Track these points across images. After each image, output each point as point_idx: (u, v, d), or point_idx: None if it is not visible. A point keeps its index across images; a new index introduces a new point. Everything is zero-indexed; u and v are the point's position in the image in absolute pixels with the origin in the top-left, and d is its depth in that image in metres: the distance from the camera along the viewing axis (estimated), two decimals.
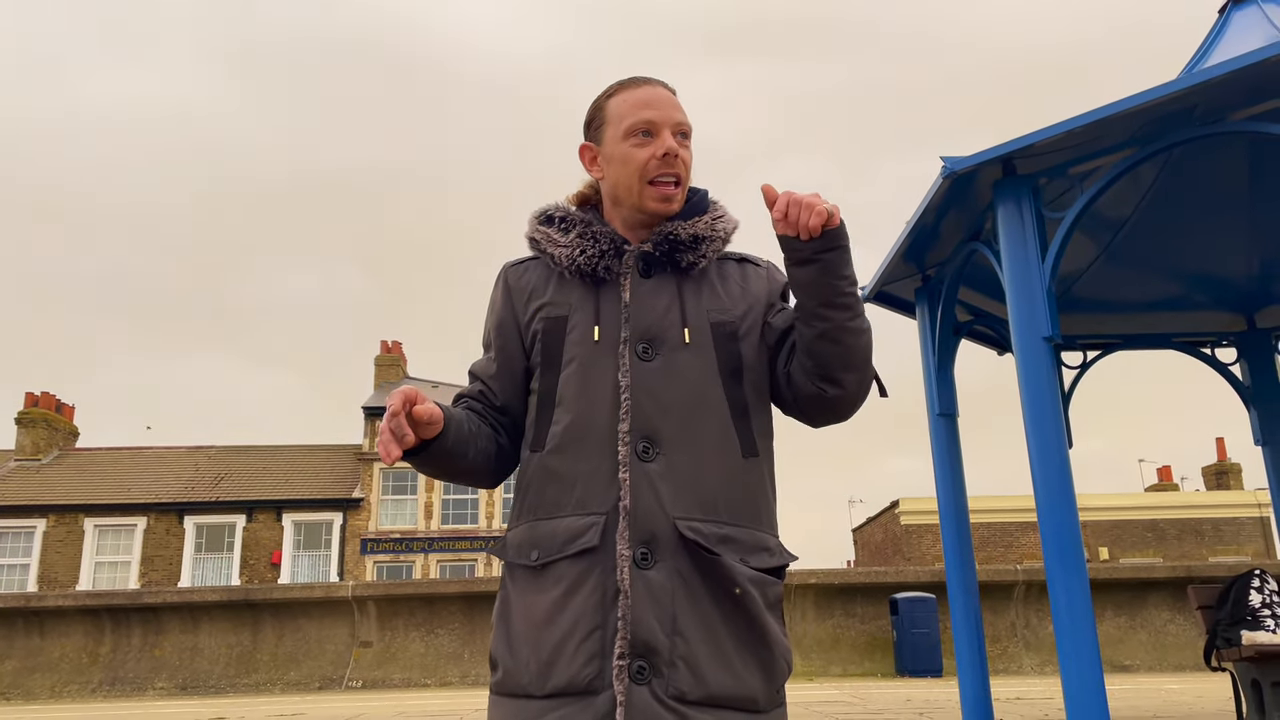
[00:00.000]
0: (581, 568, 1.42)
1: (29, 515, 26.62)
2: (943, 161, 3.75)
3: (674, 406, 1.49)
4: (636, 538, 1.42)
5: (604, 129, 1.65)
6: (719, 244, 1.64)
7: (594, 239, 1.60)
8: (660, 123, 1.60)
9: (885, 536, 28.69)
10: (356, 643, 11.71)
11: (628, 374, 1.50)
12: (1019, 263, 3.71)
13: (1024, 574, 11.58)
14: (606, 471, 1.46)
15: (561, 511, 1.47)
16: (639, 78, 1.66)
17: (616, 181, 1.63)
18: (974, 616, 4.56)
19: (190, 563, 26.78)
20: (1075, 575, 3.46)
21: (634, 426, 1.47)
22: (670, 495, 1.44)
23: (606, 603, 1.39)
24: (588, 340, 1.54)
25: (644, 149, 1.59)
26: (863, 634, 11.70)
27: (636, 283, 1.57)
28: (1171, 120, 3.62)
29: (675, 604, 1.40)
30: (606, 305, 1.56)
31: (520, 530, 1.53)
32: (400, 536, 27.40)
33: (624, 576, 1.39)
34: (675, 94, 1.67)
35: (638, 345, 1.52)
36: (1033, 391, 3.62)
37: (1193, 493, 29.53)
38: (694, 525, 1.44)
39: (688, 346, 1.54)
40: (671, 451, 1.47)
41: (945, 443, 4.75)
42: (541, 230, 1.65)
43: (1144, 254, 5.31)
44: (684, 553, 1.43)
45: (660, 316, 1.55)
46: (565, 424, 1.50)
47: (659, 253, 1.59)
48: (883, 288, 4.94)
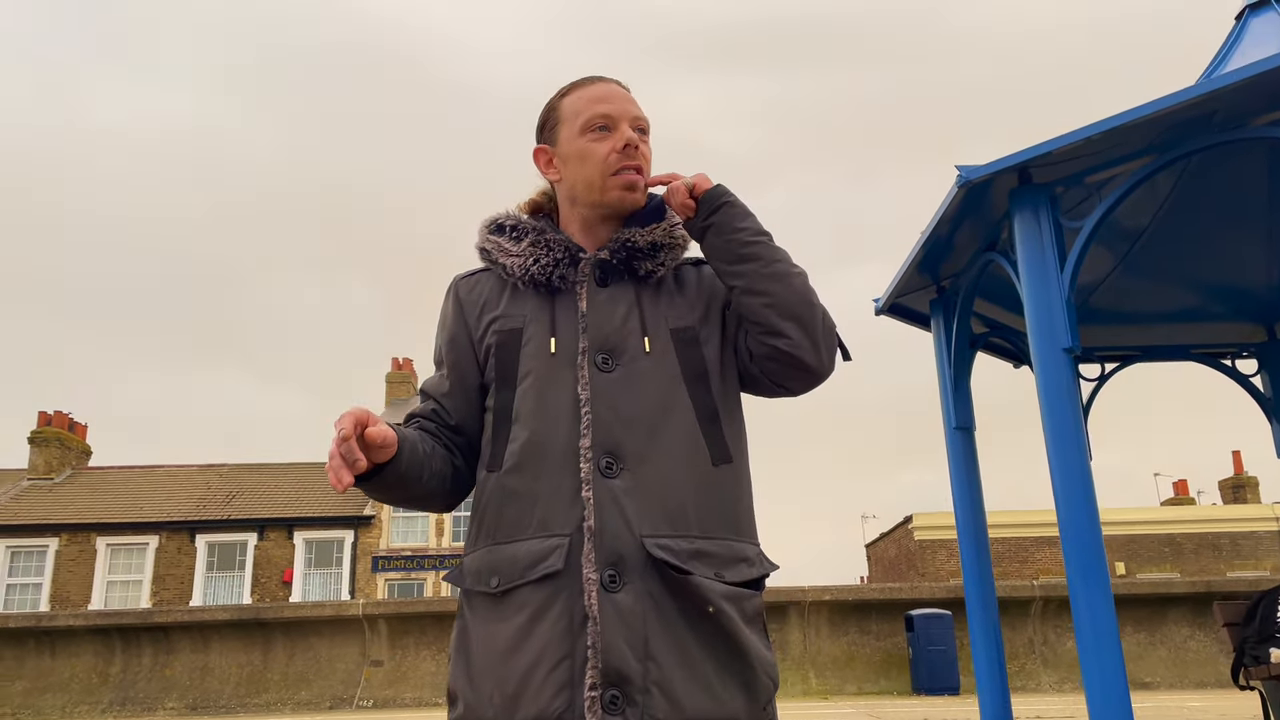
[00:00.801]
0: (546, 593, 1.35)
1: (41, 534, 26.68)
2: (957, 171, 3.69)
3: (637, 418, 1.43)
4: (603, 559, 1.34)
5: (559, 128, 1.60)
6: (678, 251, 1.58)
7: (547, 247, 1.53)
8: (618, 116, 1.55)
9: (899, 552, 28.49)
10: (367, 661, 11.64)
11: (587, 386, 1.43)
12: (1037, 273, 3.64)
13: (1041, 590, 11.45)
14: (568, 490, 1.38)
15: (522, 534, 1.39)
16: (592, 76, 1.61)
17: (576, 180, 1.57)
18: (994, 633, 4.47)
19: (202, 581, 26.79)
20: (1099, 591, 3.37)
21: (596, 441, 1.40)
22: (637, 512, 1.37)
23: (574, 629, 1.32)
24: (544, 353, 1.47)
25: (603, 143, 1.54)
26: (878, 651, 11.57)
27: (593, 291, 1.51)
28: (1190, 127, 3.56)
29: (647, 627, 1.33)
30: (563, 316, 1.50)
31: (478, 555, 1.45)
32: (411, 554, 27.35)
33: (592, 601, 1.32)
34: (630, 90, 1.62)
35: (597, 356, 1.46)
36: (1053, 404, 3.55)
37: (1210, 506, 29.27)
38: (663, 543, 1.37)
39: (649, 355, 1.47)
40: (637, 466, 1.40)
41: (962, 457, 4.68)
42: (492, 240, 1.59)
43: (1162, 264, 5.23)
44: (654, 573, 1.35)
45: (619, 325, 1.49)
46: (523, 441, 1.43)
47: (616, 260, 1.53)
48: (897, 300, 4.87)
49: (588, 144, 1.54)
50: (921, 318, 5.06)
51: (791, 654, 11.38)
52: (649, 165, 1.57)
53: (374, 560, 27.30)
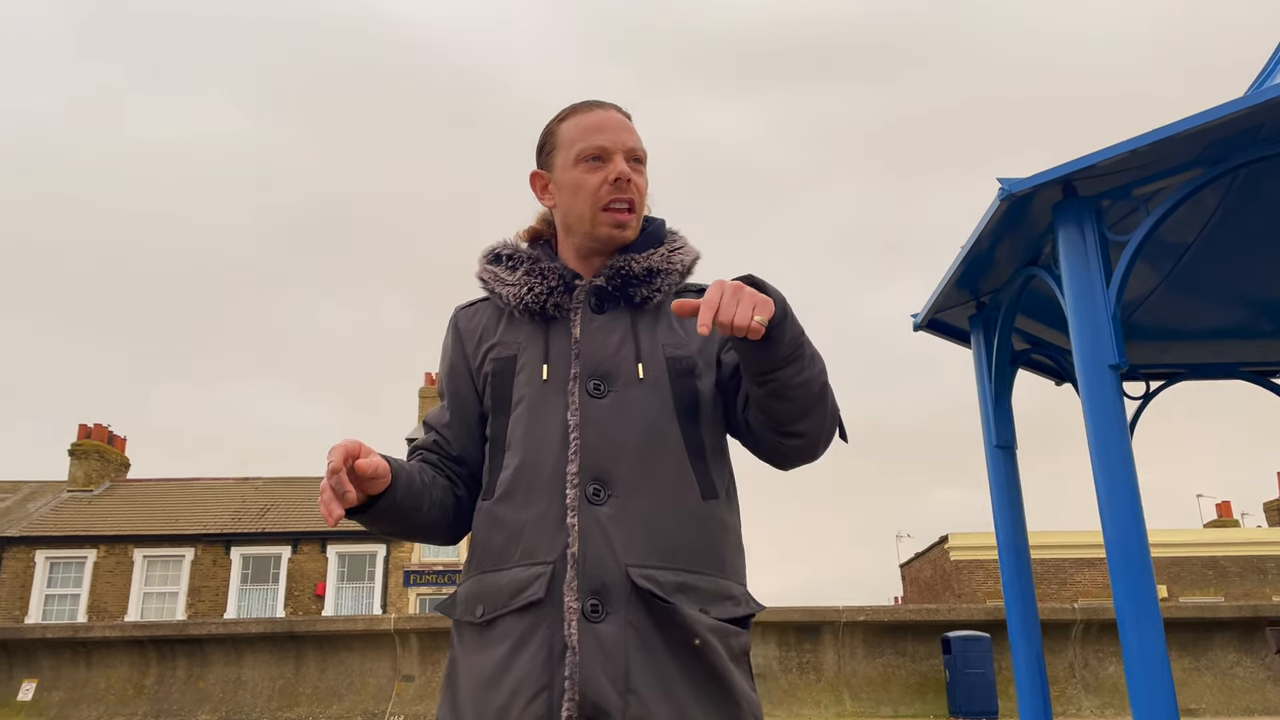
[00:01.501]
0: (527, 623, 1.31)
1: (80, 545, 27.04)
2: (999, 183, 3.63)
3: (627, 446, 1.39)
4: (586, 588, 1.30)
5: (554, 155, 1.57)
6: (675, 277, 1.54)
7: (542, 275, 1.51)
8: (612, 148, 1.51)
9: (934, 572, 28.12)
10: (399, 676, 11.64)
11: (577, 412, 1.40)
12: (1082, 288, 3.57)
13: (1082, 613, 11.22)
14: (554, 517, 1.35)
15: (507, 562, 1.37)
16: (591, 101, 1.58)
17: (568, 209, 1.54)
18: (1036, 657, 4.37)
19: (236, 594, 27.00)
20: (1147, 615, 3.29)
21: (584, 467, 1.37)
22: (623, 541, 1.33)
23: (554, 660, 1.28)
24: (536, 379, 1.45)
25: (595, 174, 1.51)
26: (914, 674, 11.40)
27: (588, 318, 1.48)
28: (1238, 139, 3.49)
29: (628, 659, 1.28)
30: (556, 343, 1.48)
31: (468, 584, 1.43)
32: (443, 569, 27.42)
33: (571, 631, 1.28)
34: (630, 118, 1.58)
35: (589, 382, 1.43)
36: (1099, 422, 3.47)
37: (1254, 529, 28.64)
38: (648, 573, 1.32)
39: (642, 382, 1.44)
40: (624, 494, 1.36)
41: (1004, 475, 4.59)
42: (489, 270, 1.58)
43: (1208, 280, 5.12)
44: (638, 603, 1.31)
45: (613, 352, 1.46)
46: (513, 468, 1.41)
47: (611, 287, 1.50)
48: (936, 315, 4.80)
49: (580, 174, 1.51)
50: (961, 333, 4.99)
51: (825, 675, 11.24)
52: (642, 198, 1.55)
53: (405, 575, 27.39)
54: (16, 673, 11.52)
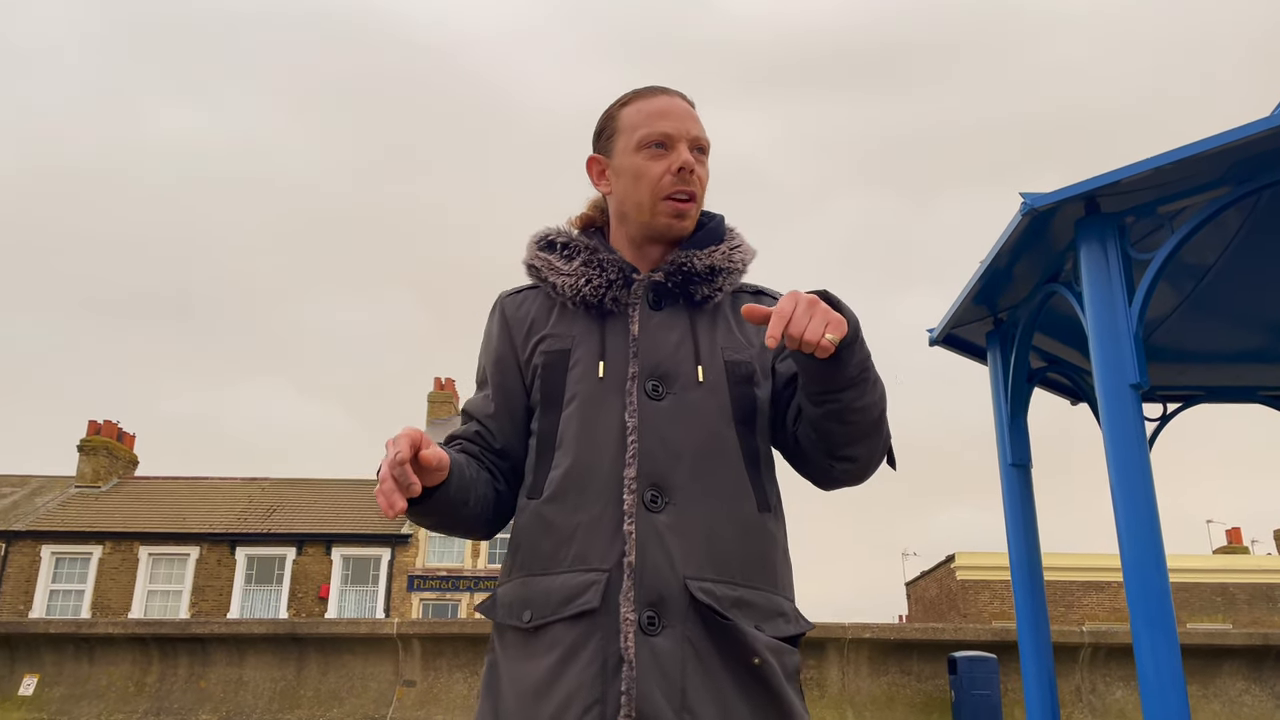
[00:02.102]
0: (579, 632, 1.26)
1: (86, 541, 27.09)
2: (1022, 198, 3.59)
3: (686, 452, 1.34)
4: (643, 599, 1.25)
5: (615, 140, 1.52)
6: (735, 276, 1.50)
7: (600, 267, 1.46)
8: (676, 135, 1.46)
9: (940, 591, 27.96)
10: (400, 681, 11.59)
11: (635, 414, 1.35)
12: (1104, 306, 3.52)
13: (1090, 636, 11.12)
14: (609, 522, 1.30)
15: (558, 567, 1.31)
16: (656, 86, 1.52)
17: (626, 196, 1.49)
18: (1048, 680, 4.32)
19: (240, 594, 27.01)
20: (1164, 640, 3.23)
21: (641, 472, 1.31)
22: (681, 552, 1.28)
23: (607, 673, 1.23)
24: (591, 376, 1.40)
25: (658, 162, 1.46)
26: (919, 693, 11.30)
27: (646, 315, 1.43)
28: (1265, 160, 3.45)
29: (685, 676, 1.23)
30: (613, 339, 1.42)
31: (512, 586, 1.37)
32: (447, 574, 27.38)
33: (628, 644, 1.23)
34: (694, 106, 1.52)
35: (647, 383, 1.38)
36: (1118, 441, 3.41)
37: (1264, 556, 28.43)
38: (706, 586, 1.28)
39: (701, 386, 1.39)
40: (682, 502, 1.31)
41: (1018, 494, 4.54)
42: (542, 257, 1.52)
43: (1229, 303, 5.07)
44: (695, 617, 1.26)
45: (672, 352, 1.41)
46: (565, 468, 1.36)
47: (671, 284, 1.45)
48: (952, 331, 4.76)
49: (642, 161, 1.47)
50: (977, 350, 4.94)
51: (829, 692, 11.16)
52: (704, 189, 1.50)
53: (410, 579, 27.36)
54: (18, 667, 11.51)
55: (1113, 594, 25.25)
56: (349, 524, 28.15)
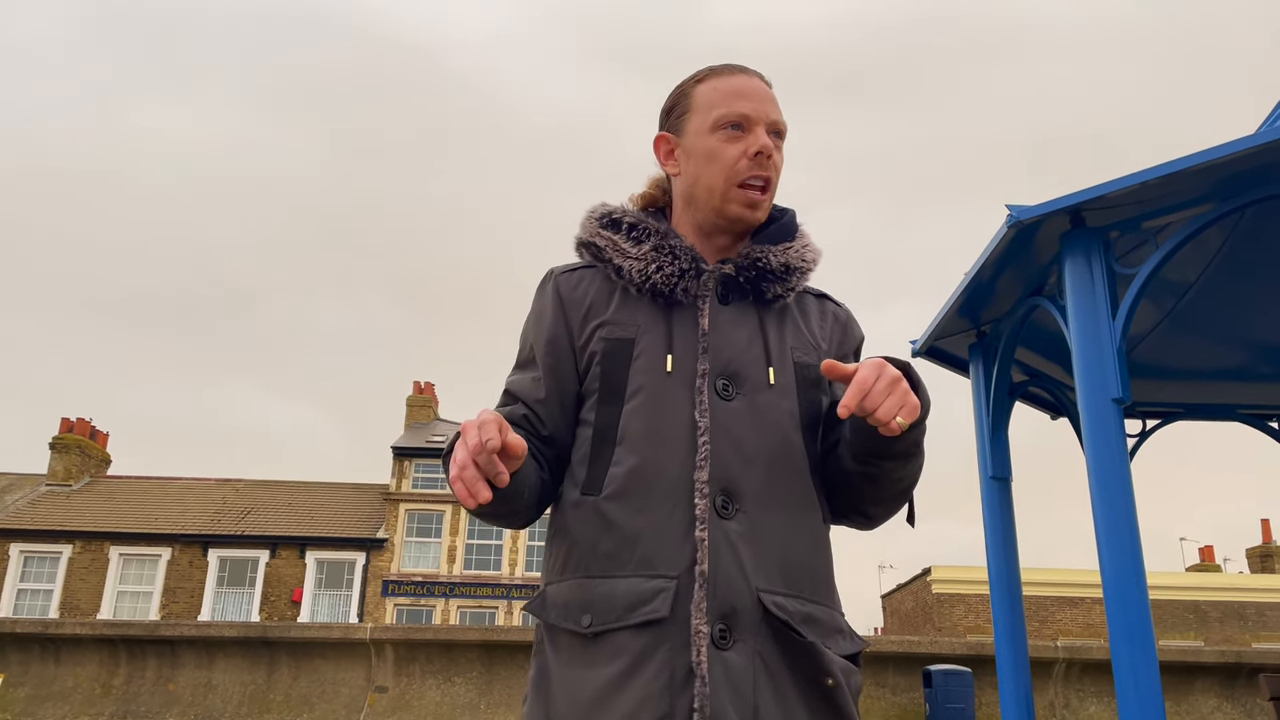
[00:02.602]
0: (646, 641, 1.18)
1: (56, 540, 26.75)
2: (1008, 210, 3.59)
3: (758, 456, 1.27)
4: (715, 610, 1.18)
5: (688, 118, 1.43)
6: (806, 276, 1.43)
7: (673, 254, 1.37)
8: (755, 117, 1.38)
9: (915, 604, 28.02)
10: (372, 686, 11.47)
11: (706, 413, 1.27)
12: (1088, 320, 3.52)
13: (1065, 651, 11.14)
14: (678, 527, 1.23)
15: (620, 570, 1.23)
16: (734, 64, 1.43)
17: (696, 179, 1.40)
18: (1025, 695, 4.30)
19: (212, 596, 26.72)
20: (1143, 655, 3.22)
21: (713, 476, 1.24)
22: (753, 562, 1.22)
23: (675, 686, 1.16)
24: (658, 369, 1.31)
25: (734, 145, 1.37)
26: (894, 706, 11.29)
27: (716, 309, 1.35)
28: (1249, 177, 3.46)
29: (757, 694, 1.17)
30: (681, 332, 1.34)
31: (567, 587, 1.28)
32: (422, 580, 27.19)
33: (700, 657, 1.16)
34: (772, 88, 1.44)
35: (717, 381, 1.30)
36: (1100, 456, 3.41)
37: (1236, 575, 28.67)
38: (778, 600, 1.22)
39: (772, 388, 1.32)
40: (753, 509, 1.25)
41: (998, 508, 4.53)
42: (606, 236, 1.42)
43: (1209, 320, 5.09)
44: (768, 632, 1.20)
45: (742, 351, 1.33)
46: (630, 466, 1.27)
47: (743, 278, 1.37)
48: (935, 343, 4.75)
49: (717, 143, 1.38)
50: (960, 362, 4.94)
51: None
52: (779, 176, 1.42)
53: (384, 584, 27.14)
54: None
55: (1086, 609, 25.39)
56: (324, 527, 27.91)
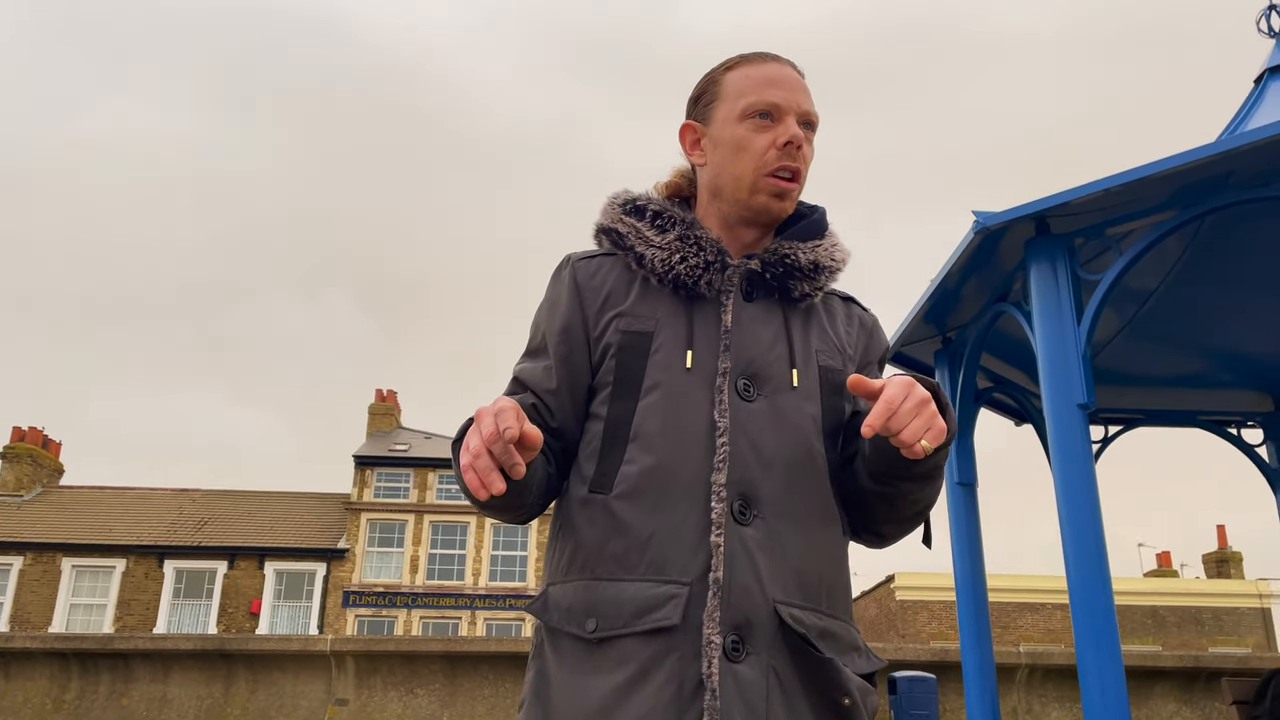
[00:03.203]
0: (654, 650, 1.13)
1: (6, 552, 26.15)
2: (974, 216, 3.60)
3: (778, 462, 1.22)
4: (728, 620, 1.13)
5: (716, 106, 1.38)
6: (835, 276, 1.38)
7: (698, 245, 1.31)
8: (786, 107, 1.33)
9: (879, 612, 28.18)
10: (332, 699, 11.28)
11: (726, 413, 1.22)
12: (1052, 326, 3.54)
13: (1027, 657, 11.23)
14: (693, 531, 1.17)
15: (629, 573, 1.18)
16: (765, 52, 1.38)
17: (722, 169, 1.36)
18: (991, 701, 4.31)
19: (168, 608, 26.25)
20: (1109, 659, 3.23)
21: (731, 479, 1.19)
22: (770, 571, 1.17)
23: (683, 699, 1.11)
24: (677, 365, 1.26)
25: (763, 135, 1.33)
26: None
27: (739, 306, 1.30)
28: (1210, 184, 3.51)
29: (769, 710, 1.12)
30: (702, 327, 1.29)
31: (572, 589, 1.23)
32: (384, 590, 26.90)
33: (712, 669, 1.11)
34: (804, 78, 1.39)
35: (738, 380, 1.25)
36: (1066, 461, 3.42)
37: (1193, 580, 29.16)
38: (795, 613, 1.16)
39: (795, 391, 1.27)
40: (771, 516, 1.20)
41: (964, 513, 4.54)
42: (629, 222, 1.36)
43: (1170, 328, 5.15)
44: (783, 646, 1.15)
45: (765, 350, 1.28)
46: (644, 465, 1.22)
47: (769, 275, 1.32)
48: (901, 349, 4.76)
49: (746, 133, 1.34)
50: (925, 369, 4.95)
51: None
52: (808, 168, 1.38)
53: (345, 595, 26.81)
54: None
55: (1048, 615, 25.68)
56: (283, 537, 27.52)
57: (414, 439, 30.93)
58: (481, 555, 27.86)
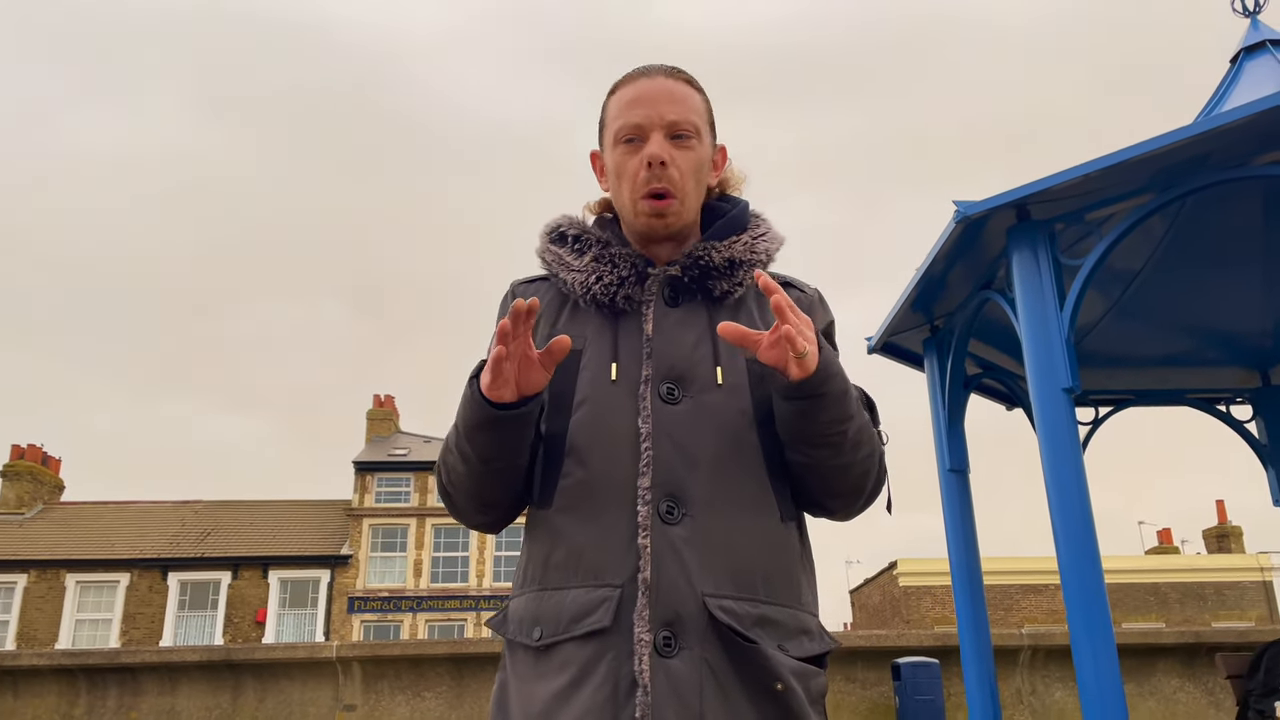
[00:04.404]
0: (590, 652, 1.19)
1: (10, 570, 26.15)
2: (954, 206, 3.63)
3: (703, 458, 1.26)
4: (658, 618, 1.18)
5: (604, 133, 1.44)
6: (760, 268, 1.39)
7: (612, 263, 1.37)
8: (647, 125, 1.37)
9: (883, 598, 28.27)
10: (340, 705, 11.32)
11: (649, 419, 1.27)
12: (1036, 312, 3.58)
13: (1029, 638, 11.28)
14: (622, 536, 1.22)
15: (570, 581, 1.24)
16: (638, 69, 1.42)
17: (614, 195, 1.42)
18: (989, 683, 4.35)
19: (173, 620, 26.27)
20: (1102, 639, 3.28)
21: (656, 481, 1.24)
22: (699, 566, 1.21)
23: (619, 697, 1.16)
24: (602, 378, 1.31)
25: (633, 158, 1.37)
26: (864, 700, 11.36)
27: (661, 313, 1.35)
28: (1188, 166, 3.53)
29: (703, 703, 1.16)
30: (626, 339, 1.34)
31: (523, 601, 1.29)
32: (388, 595, 26.94)
33: (642, 666, 1.16)
34: (685, 80, 1.42)
35: (661, 385, 1.29)
36: (1053, 445, 3.46)
37: (1194, 556, 29.25)
38: (726, 604, 1.20)
39: (720, 388, 1.31)
40: (700, 513, 1.24)
41: (957, 499, 4.58)
42: (553, 251, 1.43)
43: (1156, 308, 5.19)
44: (714, 638, 1.19)
45: (688, 352, 1.32)
46: (577, 478, 1.28)
47: (688, 278, 1.36)
48: (890, 339, 4.80)
49: (620, 158, 1.38)
50: (915, 357, 4.99)
51: None
52: (690, 176, 1.38)
53: (350, 601, 26.85)
54: None
55: (1050, 596, 25.77)
56: (286, 546, 27.55)
57: (413, 443, 30.96)
58: (485, 556, 27.91)
